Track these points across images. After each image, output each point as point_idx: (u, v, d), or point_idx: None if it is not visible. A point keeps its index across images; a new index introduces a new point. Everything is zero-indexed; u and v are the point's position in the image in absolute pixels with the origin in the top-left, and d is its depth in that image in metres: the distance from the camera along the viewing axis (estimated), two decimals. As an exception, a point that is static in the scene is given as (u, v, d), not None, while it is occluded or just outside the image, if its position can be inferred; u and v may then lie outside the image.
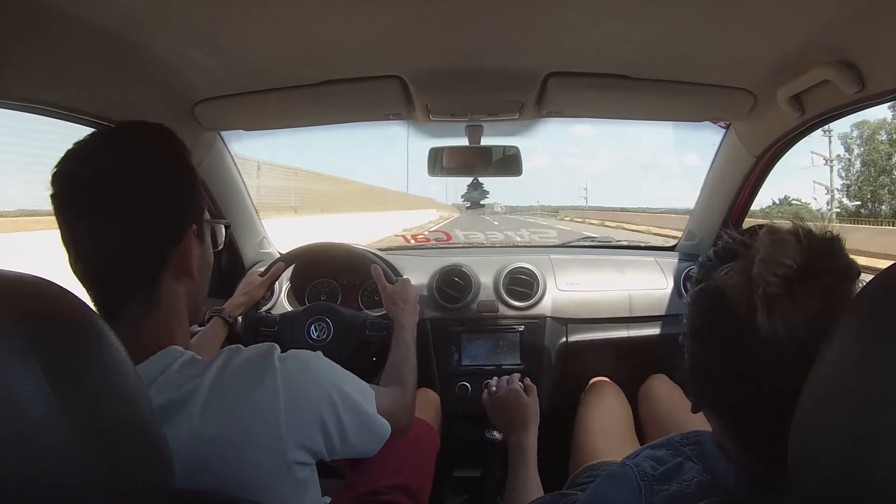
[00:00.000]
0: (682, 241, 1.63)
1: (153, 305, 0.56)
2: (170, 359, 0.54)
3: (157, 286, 0.57)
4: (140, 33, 0.73)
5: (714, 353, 0.49)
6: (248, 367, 0.55)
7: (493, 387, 1.10)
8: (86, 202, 0.53)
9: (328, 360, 0.64)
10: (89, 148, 0.56)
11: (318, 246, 1.36)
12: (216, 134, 1.22)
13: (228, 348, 0.58)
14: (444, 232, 2.21)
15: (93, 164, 0.54)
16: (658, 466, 0.53)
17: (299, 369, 0.58)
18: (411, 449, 1.02)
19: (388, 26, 0.76)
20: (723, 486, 0.49)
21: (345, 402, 0.60)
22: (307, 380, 0.58)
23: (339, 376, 0.63)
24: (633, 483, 0.52)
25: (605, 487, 0.56)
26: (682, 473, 0.51)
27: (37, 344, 0.31)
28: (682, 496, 0.49)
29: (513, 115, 1.13)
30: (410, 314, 1.11)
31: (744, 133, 1.19)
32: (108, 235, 0.54)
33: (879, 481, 0.30)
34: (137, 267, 0.56)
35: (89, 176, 0.53)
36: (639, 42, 0.81)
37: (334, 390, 0.60)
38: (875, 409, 0.31)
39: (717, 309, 0.47)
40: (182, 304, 0.60)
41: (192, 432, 0.50)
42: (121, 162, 0.55)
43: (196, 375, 0.53)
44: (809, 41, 0.76)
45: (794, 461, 0.37)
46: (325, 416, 0.58)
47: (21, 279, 0.35)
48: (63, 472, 0.30)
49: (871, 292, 0.36)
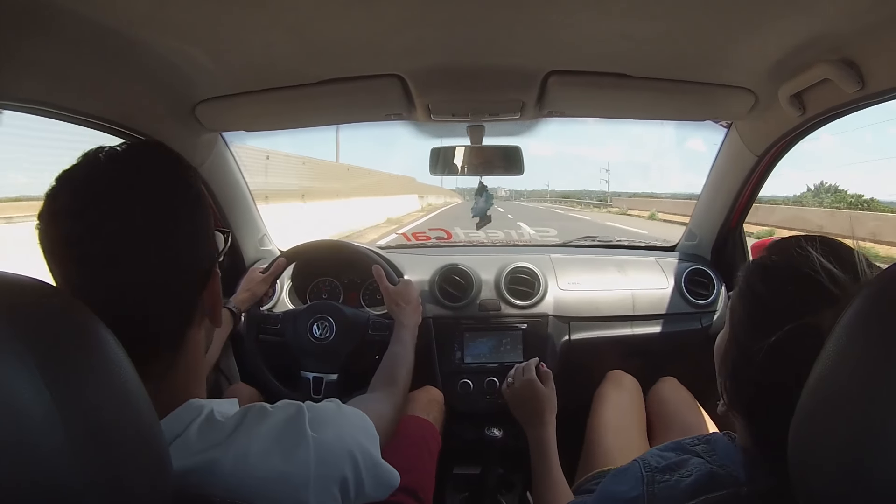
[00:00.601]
0: (683, 241, 1.63)
1: (178, 358, 0.51)
2: (188, 417, 0.49)
3: (185, 337, 0.52)
4: (140, 33, 0.73)
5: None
6: (278, 435, 0.51)
7: (510, 378, 1.10)
8: (97, 249, 0.46)
9: (350, 412, 0.62)
10: (91, 178, 0.48)
11: (320, 244, 1.36)
12: (217, 134, 1.22)
13: (252, 409, 0.53)
14: (444, 230, 2.20)
15: (100, 200, 0.46)
16: (662, 461, 0.54)
17: (331, 435, 0.55)
18: (415, 450, 1.02)
19: (388, 25, 0.76)
20: (730, 474, 0.49)
21: (365, 460, 0.58)
22: (336, 444, 0.55)
23: (359, 430, 0.61)
24: (636, 473, 0.54)
25: (611, 482, 0.59)
26: (684, 466, 0.52)
27: (35, 348, 0.31)
28: (681, 484, 0.50)
29: (514, 115, 1.13)
30: (412, 314, 1.12)
31: (745, 132, 1.19)
32: (128, 291, 0.47)
33: (880, 482, 0.30)
34: (164, 322, 0.50)
35: (98, 216, 0.46)
36: (639, 41, 0.81)
37: (357, 448, 0.58)
38: (875, 408, 0.31)
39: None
40: (202, 349, 0.55)
41: (212, 496, 0.47)
42: (138, 199, 0.47)
43: (216, 444, 0.48)
44: (809, 39, 0.76)
45: (795, 461, 0.37)
46: (347, 474, 0.55)
47: (18, 281, 0.34)
48: (61, 477, 0.30)
49: (870, 293, 0.36)
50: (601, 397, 1.21)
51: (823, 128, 1.03)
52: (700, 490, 0.48)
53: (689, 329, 1.42)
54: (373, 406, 0.74)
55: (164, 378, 0.49)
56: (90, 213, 0.46)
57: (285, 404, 0.55)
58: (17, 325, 0.31)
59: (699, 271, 1.45)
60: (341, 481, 0.55)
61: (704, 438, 0.56)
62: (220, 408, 0.52)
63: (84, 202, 0.46)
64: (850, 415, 0.32)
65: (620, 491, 0.54)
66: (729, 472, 0.49)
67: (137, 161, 0.51)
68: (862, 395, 0.32)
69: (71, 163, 0.49)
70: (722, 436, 0.55)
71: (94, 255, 0.45)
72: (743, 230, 1.45)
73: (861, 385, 0.32)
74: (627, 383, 1.27)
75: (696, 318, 1.41)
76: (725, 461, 0.51)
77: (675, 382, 1.27)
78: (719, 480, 0.49)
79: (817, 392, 0.36)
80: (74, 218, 0.46)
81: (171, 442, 0.47)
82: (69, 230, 0.46)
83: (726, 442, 0.54)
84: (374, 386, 0.92)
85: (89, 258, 0.46)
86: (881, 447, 0.30)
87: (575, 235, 1.92)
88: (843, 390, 0.34)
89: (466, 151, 1.32)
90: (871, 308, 0.35)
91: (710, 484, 0.48)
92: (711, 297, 1.43)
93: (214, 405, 0.52)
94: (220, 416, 0.51)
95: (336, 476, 0.54)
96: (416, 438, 1.04)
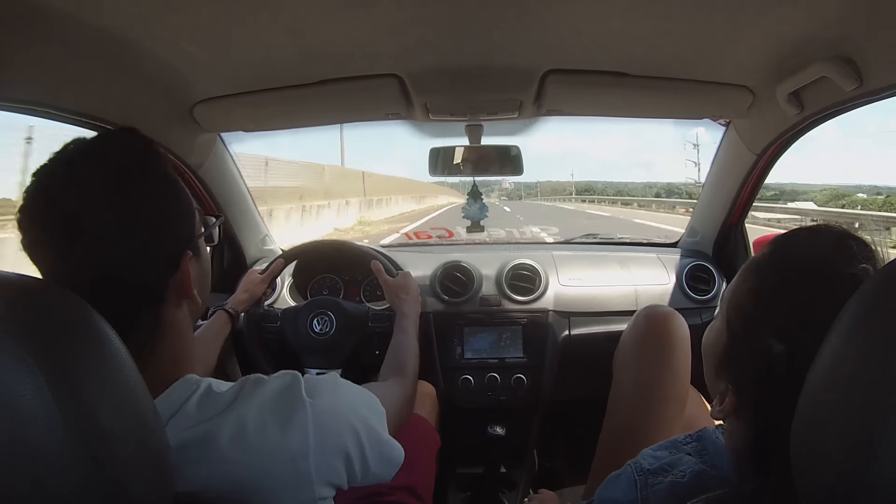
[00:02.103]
0: (685, 237, 1.63)
1: (158, 337, 0.52)
2: (186, 392, 0.50)
3: (159, 317, 0.53)
4: (138, 35, 0.74)
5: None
6: (274, 404, 0.51)
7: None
8: (61, 232, 0.47)
9: (350, 385, 0.61)
10: (59, 167, 0.50)
11: (319, 244, 1.37)
12: (216, 135, 1.23)
13: (248, 380, 0.53)
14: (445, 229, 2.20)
15: (66, 187, 0.48)
16: (655, 462, 0.54)
17: (329, 403, 0.54)
18: (415, 448, 1.02)
19: (386, 25, 0.76)
20: (721, 475, 0.49)
21: (368, 434, 0.58)
22: (335, 413, 0.54)
23: (361, 403, 0.60)
24: (629, 477, 0.53)
25: (605, 489, 0.58)
26: (678, 466, 0.52)
27: (35, 347, 0.30)
28: (675, 486, 0.50)
29: (512, 114, 1.13)
30: (413, 303, 1.12)
31: (744, 130, 1.18)
32: (96, 271, 0.48)
33: (882, 482, 0.30)
34: (135, 302, 0.51)
35: (64, 202, 0.47)
36: (637, 39, 0.81)
37: (358, 421, 0.57)
38: (876, 407, 0.31)
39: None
40: (186, 327, 0.56)
41: (210, 476, 0.47)
42: (101, 182, 0.49)
43: (215, 414, 0.49)
44: (807, 37, 0.75)
45: (797, 461, 0.37)
46: (350, 448, 0.55)
47: (18, 280, 0.34)
48: (62, 476, 0.30)
49: (869, 288, 0.35)
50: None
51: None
52: (693, 491, 0.48)
53: (690, 324, 1.42)
54: (380, 388, 0.73)
55: (148, 359, 0.50)
56: (51, 190, 0.48)
57: (282, 373, 0.55)
58: (17, 326, 0.31)
59: (700, 267, 1.45)
60: (344, 455, 0.54)
61: (696, 436, 0.56)
62: (218, 384, 0.52)
63: (48, 183, 0.48)
64: (851, 414, 0.32)
65: (614, 498, 0.54)
66: (720, 474, 0.49)
67: (103, 147, 0.52)
68: (863, 395, 0.32)
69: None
70: (712, 431, 0.55)
71: (56, 234, 0.47)
72: (744, 227, 1.45)
73: (862, 384, 0.32)
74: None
75: (696, 313, 1.41)
76: (716, 460, 0.51)
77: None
78: (709, 481, 0.49)
79: (818, 392, 0.36)
80: (40, 198, 0.48)
81: (169, 418, 0.48)
82: (35, 210, 0.48)
83: (715, 439, 0.54)
84: (384, 375, 0.92)
85: (53, 237, 0.47)
86: (883, 447, 0.30)
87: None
88: (843, 389, 0.33)
89: (465, 151, 1.32)
90: (871, 307, 0.34)
91: (701, 486, 0.48)
92: (712, 292, 1.43)
93: (213, 381, 0.53)
94: (217, 389, 0.51)
95: (338, 447, 0.53)
96: (413, 436, 1.04)
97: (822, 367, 0.36)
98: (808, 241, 0.49)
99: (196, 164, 1.18)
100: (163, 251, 0.52)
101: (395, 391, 0.82)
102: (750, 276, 0.51)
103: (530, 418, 1.40)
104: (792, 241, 0.52)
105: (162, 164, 0.53)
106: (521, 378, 1.34)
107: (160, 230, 0.52)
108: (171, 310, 0.54)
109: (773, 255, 0.51)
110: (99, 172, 0.49)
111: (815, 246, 0.47)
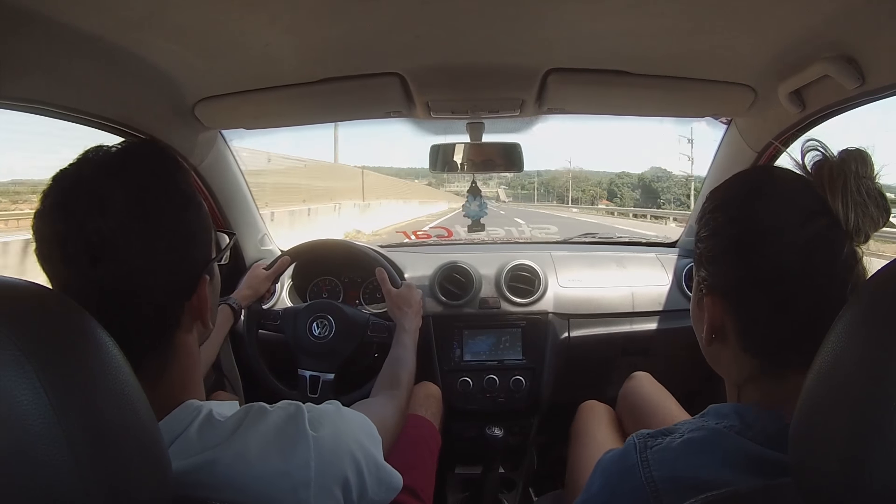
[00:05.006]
0: (684, 237, 1.63)
1: (169, 361, 0.52)
2: (188, 417, 0.50)
3: (174, 341, 0.52)
4: (140, 32, 0.73)
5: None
6: (276, 436, 0.51)
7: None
8: (80, 248, 0.46)
9: (350, 414, 0.62)
10: (80, 177, 0.48)
11: (323, 242, 1.37)
12: (217, 132, 1.22)
13: (250, 410, 0.53)
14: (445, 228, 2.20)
15: (85, 198, 0.46)
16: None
17: (331, 435, 0.54)
18: (415, 449, 1.03)
19: (387, 24, 0.76)
20: (731, 426, 0.49)
21: (368, 461, 0.58)
22: (337, 444, 0.54)
23: (362, 433, 0.61)
24: (629, 445, 0.53)
25: (607, 457, 0.57)
26: (676, 430, 0.51)
27: (33, 352, 0.31)
28: (672, 441, 0.50)
29: (513, 112, 1.13)
30: (413, 318, 1.12)
31: (745, 129, 1.19)
32: (112, 292, 0.47)
33: (881, 480, 0.30)
34: (150, 325, 0.50)
35: (82, 214, 0.46)
36: (638, 38, 0.81)
37: (358, 449, 0.57)
38: (877, 405, 0.31)
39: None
40: (195, 351, 0.56)
41: (208, 499, 0.47)
42: (121, 198, 0.47)
43: (216, 444, 0.48)
44: (809, 36, 0.75)
45: (796, 459, 0.37)
46: (350, 476, 0.55)
47: (14, 285, 0.35)
48: (61, 481, 0.30)
49: (870, 289, 0.35)
50: (578, 433, 1.11)
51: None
52: (692, 445, 0.48)
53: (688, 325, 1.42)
54: (375, 409, 0.74)
55: (157, 381, 0.50)
56: (75, 211, 0.46)
57: (285, 404, 0.55)
58: (15, 331, 0.31)
59: None
60: (343, 482, 0.54)
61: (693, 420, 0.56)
62: (219, 409, 0.52)
63: (70, 201, 0.47)
64: (852, 413, 0.32)
65: (613, 464, 0.54)
66: (725, 425, 0.49)
67: (127, 160, 0.50)
68: (864, 394, 0.32)
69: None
70: (713, 407, 0.54)
71: (77, 255, 0.46)
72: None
73: (863, 383, 0.32)
74: (601, 412, 1.15)
75: None
76: (718, 419, 0.50)
77: (649, 377, 1.18)
78: (724, 437, 0.48)
79: (818, 390, 0.36)
80: (61, 216, 0.46)
81: (170, 443, 0.47)
82: (56, 228, 0.47)
83: (717, 408, 0.53)
84: (377, 390, 0.92)
85: (73, 257, 0.46)
86: (883, 445, 0.30)
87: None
88: (844, 389, 0.34)
89: (466, 148, 1.32)
90: (872, 306, 0.34)
91: (716, 440, 0.48)
92: None
93: (213, 406, 0.52)
94: (219, 416, 0.51)
95: (338, 476, 0.53)
96: (414, 437, 1.04)
97: (823, 368, 0.36)
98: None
99: (197, 161, 1.18)
100: (181, 277, 0.52)
101: (388, 409, 0.82)
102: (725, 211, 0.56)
103: (529, 419, 1.40)
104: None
105: (182, 179, 0.53)
106: (520, 380, 1.34)
107: (180, 255, 0.51)
108: (184, 335, 0.53)
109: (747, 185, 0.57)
110: (122, 194, 0.48)
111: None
